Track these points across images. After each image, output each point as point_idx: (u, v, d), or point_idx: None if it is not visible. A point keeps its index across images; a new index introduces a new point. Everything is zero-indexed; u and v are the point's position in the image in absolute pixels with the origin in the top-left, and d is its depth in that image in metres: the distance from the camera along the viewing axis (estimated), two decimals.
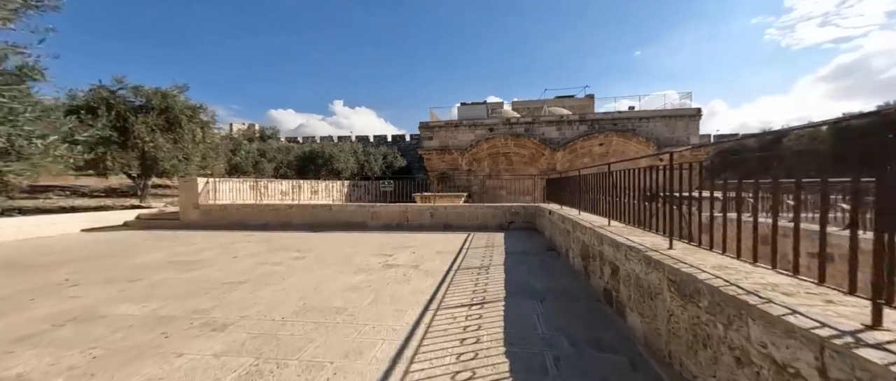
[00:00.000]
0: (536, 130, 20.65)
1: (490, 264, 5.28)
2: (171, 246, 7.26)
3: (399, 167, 32.10)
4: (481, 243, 7.09)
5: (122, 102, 10.74)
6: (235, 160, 24.05)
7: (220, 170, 20.19)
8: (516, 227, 8.82)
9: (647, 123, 19.19)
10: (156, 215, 10.90)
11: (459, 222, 9.08)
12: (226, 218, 10.15)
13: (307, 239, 7.91)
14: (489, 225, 8.93)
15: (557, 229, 6.17)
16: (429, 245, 6.98)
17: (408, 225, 9.34)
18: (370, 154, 27.70)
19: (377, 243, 7.36)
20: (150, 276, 4.94)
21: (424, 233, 8.53)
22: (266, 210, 10.06)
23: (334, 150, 24.31)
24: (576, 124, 20.13)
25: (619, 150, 19.66)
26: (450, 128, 21.88)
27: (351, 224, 9.58)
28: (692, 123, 18.84)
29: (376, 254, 6.23)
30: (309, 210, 9.88)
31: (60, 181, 19.66)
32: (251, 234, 8.78)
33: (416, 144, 42.37)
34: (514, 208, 8.91)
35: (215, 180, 10.50)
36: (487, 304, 3.58)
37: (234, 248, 7.00)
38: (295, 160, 24.88)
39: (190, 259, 6.04)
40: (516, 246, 6.71)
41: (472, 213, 9.06)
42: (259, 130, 39.07)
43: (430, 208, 9.27)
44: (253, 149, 25.60)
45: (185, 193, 10.22)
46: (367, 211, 9.54)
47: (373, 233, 8.66)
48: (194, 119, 11.85)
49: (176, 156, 11.29)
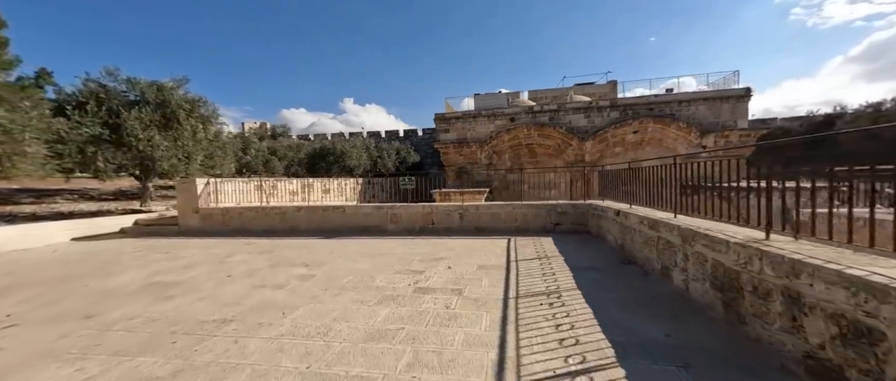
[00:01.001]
0: (562, 118, 19.00)
1: (559, 288, 3.89)
2: (159, 260, 6.14)
3: (412, 163, 30.91)
4: (529, 252, 5.71)
5: (115, 97, 9.72)
6: (246, 159, 23.26)
7: (230, 169, 19.34)
8: (564, 230, 7.38)
9: (688, 107, 17.30)
10: (154, 221, 9.91)
11: (494, 224, 7.71)
12: (227, 223, 9.05)
13: (317, 249, 6.69)
14: (530, 228, 7.52)
15: (636, 236, 4.73)
16: (465, 256, 5.64)
17: (433, 229, 8.03)
18: (383, 150, 26.53)
19: (401, 253, 6.06)
20: (113, 309, 3.77)
21: (454, 238, 7.20)
22: (271, 214, 8.91)
23: (346, 146, 23.20)
24: (606, 111, 18.39)
25: (656, 138, 17.86)
26: (467, 119, 20.43)
27: (367, 229, 8.33)
28: (740, 104, 16.85)
29: (402, 271, 4.92)
30: (319, 213, 8.67)
31: (70, 184, 19.17)
32: (254, 242, 7.63)
33: (428, 138, 41.06)
34: (560, 206, 7.47)
35: (216, 181, 9.41)
36: (596, 372, 2.22)
37: (231, 262, 5.82)
38: (306, 158, 23.92)
39: (173, 280, 4.87)
40: (578, 257, 5.29)
41: (509, 213, 7.66)
42: (270, 129, 38.53)
43: (459, 208, 7.92)
44: (263, 147, 24.76)
45: (183, 195, 9.17)
46: (386, 213, 8.27)
47: (393, 239, 7.38)
48: (194, 114, 10.78)
49: (175, 155, 10.25)
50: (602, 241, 6.31)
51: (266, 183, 11.49)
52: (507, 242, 6.67)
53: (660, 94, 18.17)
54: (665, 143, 17.82)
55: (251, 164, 22.86)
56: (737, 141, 16.65)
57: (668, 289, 3.75)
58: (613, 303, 3.42)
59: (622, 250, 5.30)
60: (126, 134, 9.32)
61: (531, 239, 6.80)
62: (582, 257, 5.25)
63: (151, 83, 10.37)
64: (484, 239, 7.02)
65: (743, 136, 16.55)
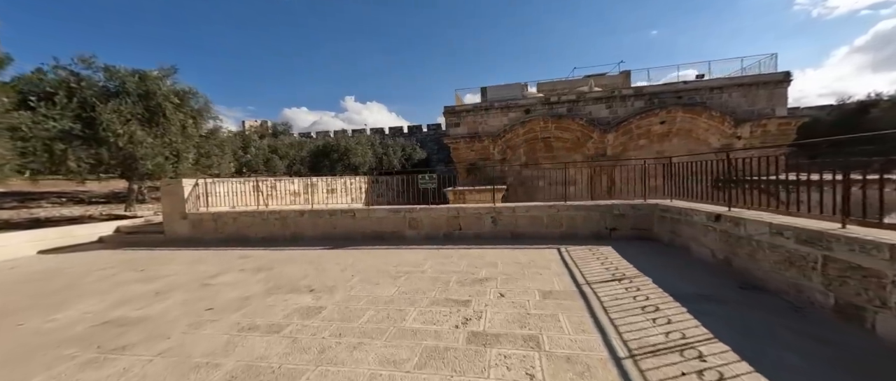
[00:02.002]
0: (581, 109, 17.62)
1: (685, 336, 2.61)
2: (129, 283, 4.90)
3: (419, 160, 29.69)
4: (597, 270, 4.41)
5: (90, 87, 8.45)
6: (246, 158, 22.05)
7: (229, 169, 18.15)
8: (622, 236, 6.08)
9: (720, 94, 15.88)
10: (138, 228, 8.69)
11: (534, 229, 6.42)
12: (220, 230, 7.81)
13: (325, 264, 5.43)
14: (579, 233, 6.23)
15: (765, 252, 3.43)
16: (516, 276, 4.36)
17: (460, 236, 6.76)
18: (388, 146, 25.26)
19: (430, 270, 4.80)
20: (28, 377, 2.53)
21: (488, 248, 5.92)
22: (270, 220, 7.66)
23: (350, 143, 21.95)
24: (630, 100, 17.00)
25: (685, 128, 16.47)
26: (479, 112, 19.08)
27: (382, 236, 7.07)
28: (778, 90, 15.42)
29: (441, 301, 3.65)
30: (325, 219, 7.42)
31: (60, 186, 18.01)
32: (249, 254, 6.38)
33: (433, 134, 39.74)
34: (617, 207, 6.15)
35: (206, 182, 8.16)
36: None
37: (217, 285, 4.57)
38: (308, 156, 22.69)
39: (136, 315, 3.63)
40: (669, 278, 3.99)
41: (553, 217, 6.36)
42: (271, 127, 37.27)
43: (491, 210, 6.62)
44: (264, 145, 23.54)
45: (168, 199, 7.93)
46: (404, 218, 6.99)
47: (415, 249, 6.11)
48: (183, 107, 9.51)
49: (161, 153, 8.99)
50: (682, 252, 5.01)
51: (265, 183, 10.24)
52: (558, 253, 5.38)
53: (689, 80, 16.74)
54: (695, 134, 16.44)
55: (251, 163, 21.65)
56: (775, 131, 15.25)
57: (879, 345, 2.44)
58: (812, 374, 2.13)
59: (729, 268, 4.00)
60: (102, 129, 8.08)
61: (587, 249, 5.50)
62: (674, 278, 3.96)
63: (133, 72, 9.10)
64: (526, 249, 5.73)
65: (782, 125, 15.14)
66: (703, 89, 16.07)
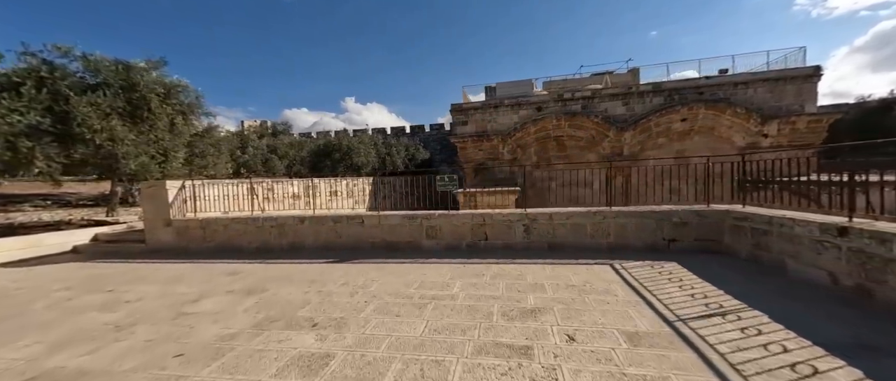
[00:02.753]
0: (596, 106, 16.67)
1: None
2: (86, 311, 3.91)
3: (422, 160, 28.74)
4: (680, 298, 3.44)
5: (64, 77, 7.44)
6: (244, 158, 21.08)
7: (226, 170, 17.19)
8: (684, 248, 5.09)
9: (745, 90, 14.93)
10: (118, 236, 7.70)
11: (575, 239, 5.43)
12: (209, 239, 6.82)
13: (330, 284, 4.45)
14: (631, 245, 5.26)
15: None
16: (576, 305, 3.38)
17: (486, 246, 5.78)
18: (391, 146, 24.30)
19: (462, 294, 3.81)
20: None
21: (525, 263, 4.94)
22: (266, 227, 6.67)
23: (352, 142, 20.98)
24: (648, 96, 16.04)
25: (707, 126, 15.51)
26: (488, 110, 18.12)
27: (395, 247, 6.09)
28: (807, 85, 14.46)
29: (490, 347, 2.66)
30: (329, 226, 6.43)
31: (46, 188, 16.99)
32: (240, 269, 5.40)
33: (436, 134, 38.77)
34: (677, 214, 5.14)
35: (194, 184, 7.17)
36: None
37: (194, 316, 3.59)
38: (308, 156, 21.71)
39: (71, 367, 2.64)
40: (797, 316, 3.01)
41: (598, 225, 5.37)
42: (271, 126, 36.24)
43: (524, 216, 5.63)
44: (262, 145, 22.57)
45: (150, 203, 6.95)
46: (420, 225, 6.01)
47: (436, 264, 5.13)
48: (170, 101, 8.51)
49: (146, 151, 8.00)
50: (775, 272, 4.02)
51: (261, 185, 9.25)
52: (613, 271, 4.40)
53: (711, 75, 15.79)
54: (718, 131, 15.48)
55: (249, 163, 20.67)
56: (805, 128, 14.30)
57: None
58: None
59: (869, 299, 3.01)
60: (77, 125, 7.09)
61: (647, 265, 4.52)
62: (800, 314, 2.97)
63: (114, 62, 8.11)
64: (572, 265, 4.75)
65: (812, 122, 14.18)
66: (726, 85, 15.11)
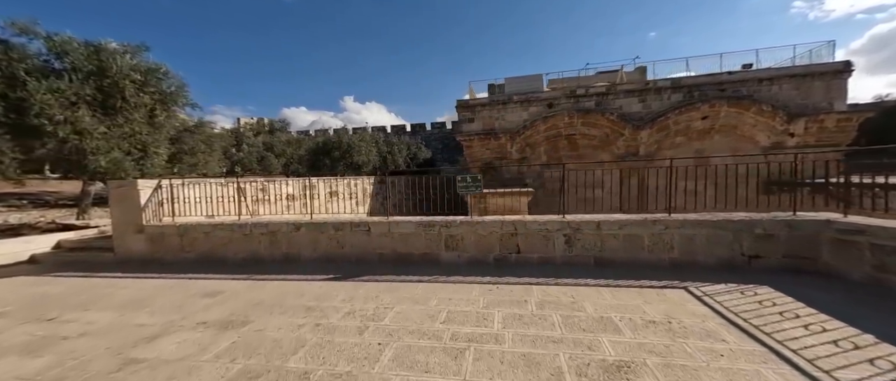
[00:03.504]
0: (611, 103, 15.71)
1: None
2: (4, 353, 2.89)
3: (424, 159, 27.76)
4: (819, 347, 2.46)
5: (22, 59, 6.36)
6: (238, 156, 19.99)
7: (217, 169, 16.12)
8: (770, 266, 4.10)
9: (769, 86, 14.04)
10: (86, 243, 6.64)
11: (630, 253, 4.46)
12: (188, 248, 5.79)
13: (332, 316, 3.43)
14: (700, 261, 4.28)
15: None
16: (676, 359, 2.38)
17: (518, 260, 4.79)
18: (393, 145, 23.28)
19: (515, 341, 2.81)
20: None
21: (572, 283, 3.96)
22: (255, 234, 5.64)
23: (353, 140, 19.92)
24: (666, 93, 15.11)
25: (729, 124, 14.61)
26: (495, 106, 17.13)
27: (408, 260, 5.09)
28: (836, 82, 13.59)
29: None
30: (330, 234, 5.41)
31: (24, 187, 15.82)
32: (220, 288, 4.37)
33: (438, 133, 37.78)
34: (761, 224, 4.13)
35: (172, 184, 6.13)
36: None
37: (144, 364, 2.56)
38: (307, 154, 20.64)
39: None
40: None
41: (657, 237, 4.37)
42: (268, 124, 34.99)
43: (565, 226, 4.62)
44: (258, 142, 21.47)
45: (119, 206, 5.91)
46: (438, 234, 5.01)
47: (462, 284, 4.13)
48: (148, 89, 7.45)
49: (117, 145, 6.93)
50: None
51: (253, 185, 8.22)
52: (697, 300, 3.42)
53: (734, 70, 14.88)
54: (740, 130, 14.60)
55: (244, 161, 19.59)
56: (834, 127, 13.43)
57: None
58: None
59: None
60: (34, 114, 6.04)
61: (736, 291, 3.55)
62: None
63: (86, 44, 7.04)
64: (637, 289, 3.77)
65: (841, 121, 13.31)
66: (750, 81, 14.21)
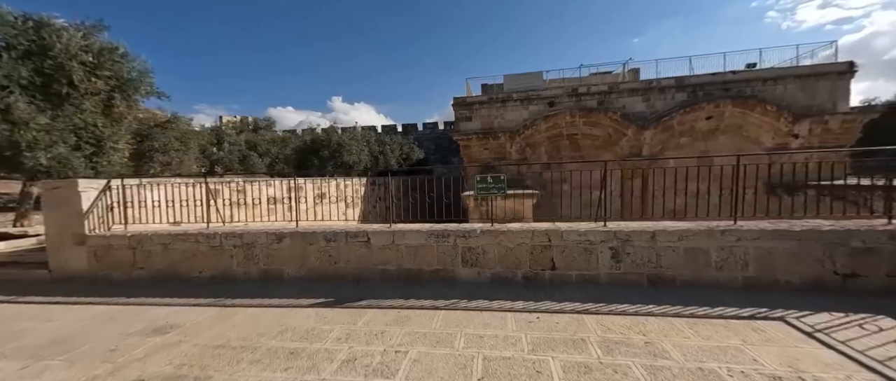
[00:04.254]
0: (614, 102, 15.11)
1: None
2: None
3: (417, 160, 26.74)
4: None
5: None
6: (218, 155, 18.53)
7: (193, 168, 14.74)
8: (872, 288, 3.30)
9: (774, 86, 13.67)
10: (19, 256, 5.41)
11: (692, 270, 3.60)
12: (141, 264, 4.67)
13: (324, 368, 2.44)
14: (782, 281, 3.47)
15: None
16: None
17: (554, 278, 3.90)
18: (385, 144, 22.18)
19: None
20: None
21: (634, 315, 3.08)
22: (226, 247, 4.57)
23: (343, 138, 18.76)
24: (670, 92, 14.59)
25: (734, 124, 14.18)
26: (494, 104, 16.32)
27: (418, 278, 4.13)
28: (840, 83, 13.32)
29: None
30: (320, 246, 4.40)
31: None
32: (176, 319, 3.31)
33: (430, 133, 36.79)
34: (858, 235, 3.33)
35: (123, 185, 4.99)
36: None
37: None
38: (293, 154, 19.36)
39: None
40: None
41: (727, 250, 3.47)
42: (252, 122, 33.21)
43: (611, 235, 3.73)
44: (240, 141, 20.02)
45: (55, 212, 4.73)
46: (455, 246, 4.07)
47: (491, 312, 3.21)
48: (101, 73, 6.24)
49: (62, 139, 5.71)
50: None
51: (230, 186, 7.09)
52: (812, 339, 2.58)
53: (738, 70, 14.49)
54: (745, 131, 14.18)
55: (224, 160, 18.17)
56: (838, 128, 13.13)
57: None
58: None
59: None
60: None
61: (855, 325, 2.74)
62: None
63: (21, 17, 5.79)
64: (716, 320, 2.92)
65: (846, 122, 13.02)
66: (754, 80, 13.81)
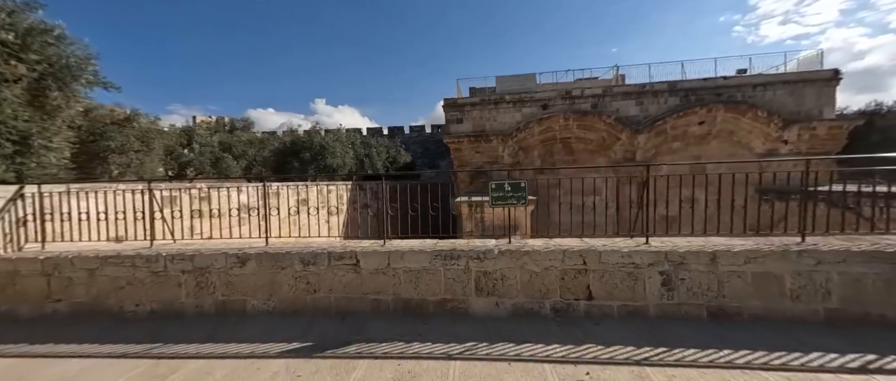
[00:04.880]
0: (608, 105, 14.75)
1: None
2: None
3: (404, 163, 25.77)
4: None
5: None
6: (188, 157, 17.02)
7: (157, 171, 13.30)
8: None
9: (764, 92, 13.65)
10: None
11: (763, 300, 2.90)
12: (58, 296, 3.61)
13: None
14: (875, 315, 2.82)
15: None
16: None
17: (591, 311, 3.14)
18: (371, 147, 21.14)
19: None
20: None
21: (703, 361, 2.36)
22: (172, 273, 3.58)
23: (327, 139, 17.63)
24: (663, 96, 14.35)
25: (726, 129, 14.06)
26: (487, 106, 15.67)
27: (420, 311, 3.29)
28: (826, 89, 13.42)
29: None
30: (295, 271, 3.47)
31: None
32: (90, 379, 2.33)
33: (417, 136, 35.86)
34: None
35: (40, 193, 3.89)
36: None
37: None
38: (272, 156, 18.06)
39: None
40: None
41: (804, 276, 2.83)
42: (229, 122, 31.11)
43: (661, 257, 3.03)
44: (213, 141, 18.53)
45: None
46: (466, 269, 3.24)
47: (522, 363, 2.40)
48: (28, 57, 5.08)
49: None
50: None
51: (192, 193, 6.01)
52: None
53: (729, 76, 14.44)
54: (736, 136, 14.08)
55: (194, 162, 16.68)
56: (825, 135, 13.20)
57: None
58: None
59: None
60: None
61: None
62: None
63: None
64: (820, 376, 2.24)
65: (832, 128, 13.10)
66: (745, 86, 13.75)
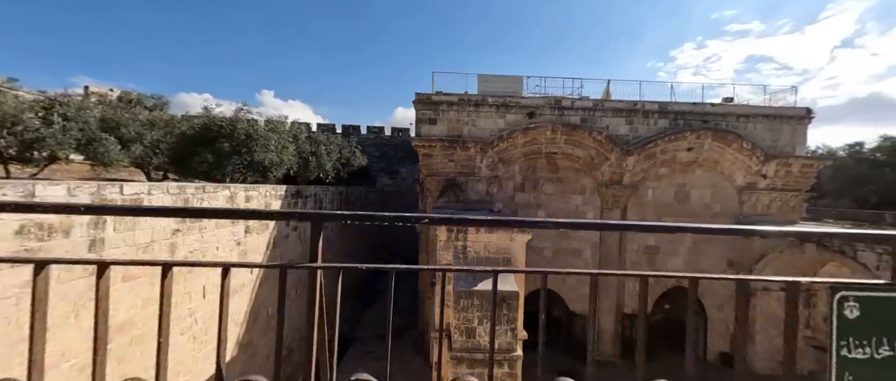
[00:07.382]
0: (598, 120, 13.11)
1: None
2: None
3: (358, 166, 21.80)
4: None
5: None
6: (41, 133, 11.57)
7: None
8: None
9: (746, 123, 13.11)
10: None
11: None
12: None
13: None
14: None
15: None
16: None
17: None
18: (319, 143, 17.15)
19: None
20: None
21: None
22: None
23: (258, 128, 13.45)
24: (653, 117, 13.12)
25: (712, 158, 13.22)
26: (466, 108, 13.06)
27: None
28: (800, 127, 13.29)
29: None
30: None
31: None
32: None
33: (375, 138, 31.96)
34: None
35: None
36: None
37: None
38: (177, 142, 13.28)
39: None
40: None
41: None
42: (135, 98, 23.75)
43: None
44: (89, 116, 13.09)
45: None
46: None
47: None
48: None
49: None
50: None
51: None
52: None
53: (718, 103, 13.74)
54: (721, 166, 13.31)
55: (48, 143, 11.33)
56: (797, 172, 12.95)
57: None
58: None
59: None
60: None
61: None
62: None
63: None
64: None
65: (805, 166, 12.90)
66: (730, 116, 13.10)
